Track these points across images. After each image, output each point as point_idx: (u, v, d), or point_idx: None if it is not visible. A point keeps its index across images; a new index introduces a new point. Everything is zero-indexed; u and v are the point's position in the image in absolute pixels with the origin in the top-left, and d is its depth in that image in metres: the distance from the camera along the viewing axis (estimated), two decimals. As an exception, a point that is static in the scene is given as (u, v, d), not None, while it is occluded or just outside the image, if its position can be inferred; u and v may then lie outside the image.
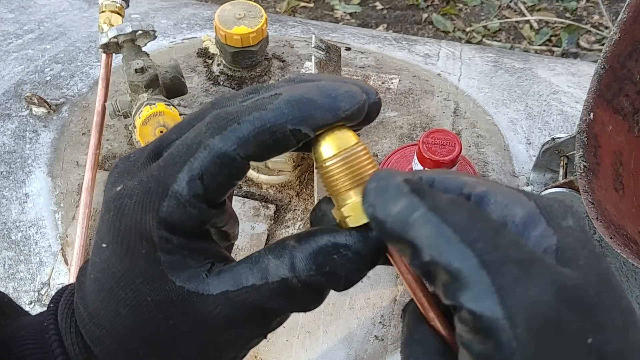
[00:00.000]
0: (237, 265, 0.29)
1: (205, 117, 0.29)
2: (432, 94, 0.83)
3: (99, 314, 0.29)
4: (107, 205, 0.29)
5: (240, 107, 0.28)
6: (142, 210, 0.27)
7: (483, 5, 1.81)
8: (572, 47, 1.63)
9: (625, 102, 0.45)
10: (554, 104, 0.81)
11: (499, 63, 0.91)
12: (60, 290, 0.33)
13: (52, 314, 0.32)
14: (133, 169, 0.30)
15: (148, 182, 0.28)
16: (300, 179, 0.73)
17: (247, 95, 0.30)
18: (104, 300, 0.29)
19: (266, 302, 0.29)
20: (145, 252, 0.28)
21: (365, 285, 0.63)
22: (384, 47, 0.93)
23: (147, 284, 0.28)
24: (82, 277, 0.31)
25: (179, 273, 0.28)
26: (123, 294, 0.28)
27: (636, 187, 0.45)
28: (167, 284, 0.28)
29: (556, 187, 0.62)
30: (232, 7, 0.77)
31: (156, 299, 0.28)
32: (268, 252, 0.29)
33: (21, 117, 0.80)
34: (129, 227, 0.28)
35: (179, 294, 0.28)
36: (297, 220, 0.69)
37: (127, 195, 0.28)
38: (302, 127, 0.27)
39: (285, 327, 0.60)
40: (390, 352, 0.59)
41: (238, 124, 0.27)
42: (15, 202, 0.71)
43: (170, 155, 0.28)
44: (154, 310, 0.28)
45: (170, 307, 0.28)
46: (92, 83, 0.85)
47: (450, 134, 0.59)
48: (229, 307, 0.28)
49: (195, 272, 0.28)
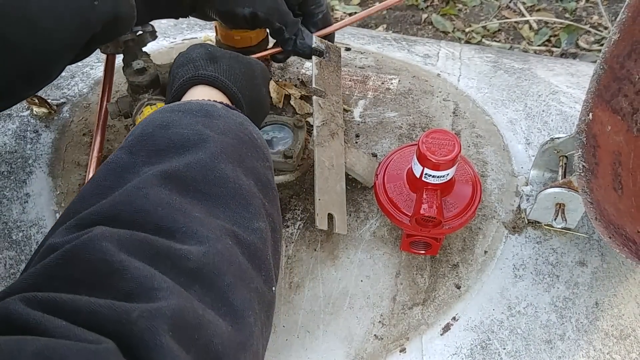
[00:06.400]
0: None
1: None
2: (431, 94, 0.83)
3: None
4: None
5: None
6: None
7: (482, 5, 1.81)
8: (571, 48, 1.63)
9: (624, 102, 0.45)
10: (553, 104, 0.81)
11: (498, 63, 0.91)
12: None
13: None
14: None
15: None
16: (300, 179, 0.73)
17: None
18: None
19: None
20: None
21: (365, 285, 0.63)
22: (384, 47, 0.94)
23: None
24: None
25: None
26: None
27: (635, 187, 0.46)
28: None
29: (555, 187, 0.62)
30: (232, 7, 0.77)
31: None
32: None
33: (22, 117, 0.80)
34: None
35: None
36: (297, 220, 0.69)
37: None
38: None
39: (285, 327, 0.61)
40: (390, 352, 0.59)
41: None
42: (16, 202, 0.71)
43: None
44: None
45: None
46: (93, 83, 0.85)
47: (449, 134, 0.59)
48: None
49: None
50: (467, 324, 0.61)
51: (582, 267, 0.64)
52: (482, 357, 0.59)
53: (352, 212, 0.69)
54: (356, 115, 0.80)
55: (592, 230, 0.67)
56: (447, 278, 0.64)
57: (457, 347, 0.59)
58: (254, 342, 0.37)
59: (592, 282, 0.63)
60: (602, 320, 0.61)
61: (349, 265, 0.65)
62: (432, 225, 0.60)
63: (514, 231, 0.67)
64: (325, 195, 0.63)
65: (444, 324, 0.61)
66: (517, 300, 0.62)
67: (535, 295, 0.62)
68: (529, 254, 0.66)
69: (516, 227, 0.68)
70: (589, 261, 0.65)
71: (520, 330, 0.60)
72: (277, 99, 0.79)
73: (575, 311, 0.61)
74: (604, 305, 0.62)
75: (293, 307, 0.62)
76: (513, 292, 0.63)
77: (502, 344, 0.59)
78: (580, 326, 0.60)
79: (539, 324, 0.61)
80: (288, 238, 0.67)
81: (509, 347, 0.59)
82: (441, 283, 0.64)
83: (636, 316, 0.61)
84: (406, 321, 0.61)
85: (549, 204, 0.64)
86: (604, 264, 0.65)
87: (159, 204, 0.37)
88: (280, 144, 0.72)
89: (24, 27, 0.46)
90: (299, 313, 0.62)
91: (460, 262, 0.65)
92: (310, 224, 0.68)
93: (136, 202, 0.37)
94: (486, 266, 0.65)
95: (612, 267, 0.64)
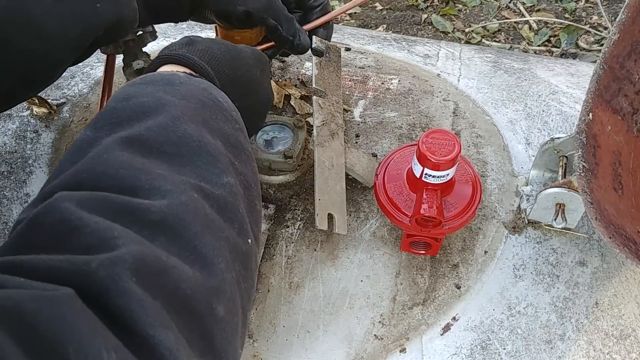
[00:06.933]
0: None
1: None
2: (431, 94, 0.83)
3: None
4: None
5: None
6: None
7: (482, 6, 1.81)
8: (571, 48, 1.63)
9: (624, 102, 0.45)
10: (553, 104, 0.81)
11: (498, 63, 0.91)
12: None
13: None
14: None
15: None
16: (300, 179, 0.73)
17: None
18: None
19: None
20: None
21: (365, 285, 0.63)
22: (384, 47, 0.94)
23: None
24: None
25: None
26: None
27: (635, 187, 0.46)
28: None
29: (555, 187, 0.62)
30: (232, 7, 0.77)
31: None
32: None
33: (22, 117, 0.80)
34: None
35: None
36: (297, 220, 0.69)
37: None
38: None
39: (285, 327, 0.61)
40: (390, 352, 0.59)
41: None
42: (16, 202, 0.71)
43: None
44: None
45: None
46: (93, 83, 0.85)
47: (449, 134, 0.59)
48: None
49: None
50: (467, 324, 0.61)
51: (582, 267, 0.64)
52: (482, 357, 0.59)
53: (352, 212, 0.69)
54: (356, 115, 0.80)
55: (592, 230, 0.67)
56: (447, 278, 0.64)
57: (457, 347, 0.59)
58: (227, 289, 0.36)
59: (592, 282, 0.63)
60: (602, 320, 0.61)
61: (349, 265, 0.65)
62: (432, 225, 0.60)
63: (514, 231, 0.67)
64: (325, 195, 0.63)
65: (444, 324, 0.61)
66: (517, 300, 0.62)
67: (535, 295, 0.62)
68: (529, 254, 0.66)
69: (516, 227, 0.68)
70: (589, 261, 0.65)
71: (520, 330, 0.60)
72: (277, 99, 0.79)
73: (575, 311, 0.61)
74: (604, 305, 0.62)
75: (293, 307, 0.62)
76: (513, 292, 0.63)
77: (502, 344, 0.59)
78: (580, 326, 0.60)
79: (539, 324, 0.61)
80: (288, 238, 0.67)
81: (509, 347, 0.59)
82: (441, 283, 0.64)
83: (636, 316, 0.61)
84: (406, 321, 0.61)
85: (549, 204, 0.64)
86: (604, 264, 0.65)
87: (120, 166, 0.37)
88: (280, 144, 0.72)
89: (27, 32, 0.46)
90: (299, 313, 0.62)
91: (460, 262, 0.65)
92: (310, 224, 0.68)
93: (96, 167, 0.37)
94: (486, 266, 0.65)
95: (612, 267, 0.64)
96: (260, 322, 0.61)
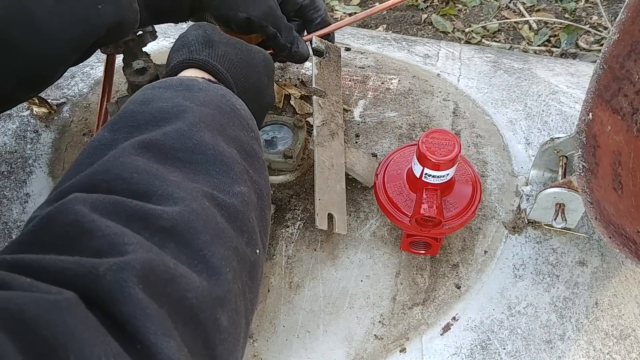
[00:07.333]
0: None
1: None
2: (431, 94, 0.83)
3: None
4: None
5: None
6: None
7: (482, 6, 1.81)
8: (571, 48, 1.63)
9: (624, 102, 0.45)
10: (553, 104, 0.81)
11: (498, 63, 0.91)
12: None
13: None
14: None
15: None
16: (300, 179, 0.73)
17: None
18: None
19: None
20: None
21: (365, 284, 0.63)
22: (384, 47, 0.94)
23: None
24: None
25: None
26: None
27: (635, 187, 0.46)
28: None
29: (555, 187, 0.62)
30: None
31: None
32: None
33: (22, 117, 0.80)
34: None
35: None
36: (297, 220, 0.69)
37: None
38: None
39: (285, 327, 0.61)
40: (390, 352, 0.59)
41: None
42: (16, 202, 0.71)
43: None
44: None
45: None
46: (93, 83, 0.85)
47: (449, 134, 0.59)
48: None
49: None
50: (467, 324, 0.61)
51: (582, 267, 0.64)
52: (482, 357, 0.59)
53: (352, 212, 0.69)
54: (356, 115, 0.80)
55: (592, 230, 0.67)
56: (447, 278, 0.64)
57: (457, 347, 0.59)
58: (232, 299, 0.36)
59: (592, 282, 0.63)
60: (602, 320, 0.61)
61: (349, 265, 0.65)
62: (432, 225, 0.60)
63: (514, 231, 0.67)
64: (325, 195, 0.63)
65: (444, 324, 0.61)
66: (517, 300, 0.62)
67: (535, 295, 0.62)
68: (529, 254, 0.66)
69: (516, 227, 0.68)
70: (589, 261, 0.65)
71: (520, 330, 0.60)
72: (277, 99, 0.79)
73: (575, 311, 0.61)
74: (604, 305, 0.62)
75: (293, 307, 0.62)
76: (513, 292, 0.63)
77: (502, 344, 0.59)
78: (580, 326, 0.60)
79: (539, 324, 0.61)
80: (288, 238, 0.67)
81: (509, 347, 0.59)
82: (441, 283, 0.64)
83: (636, 316, 0.61)
84: (406, 321, 0.61)
85: (549, 204, 0.64)
86: (604, 264, 0.65)
87: (135, 171, 0.37)
88: (280, 144, 0.72)
89: (29, 33, 0.46)
90: (299, 313, 0.62)
91: (460, 262, 0.65)
92: (310, 224, 0.68)
93: (112, 170, 0.37)
94: (486, 266, 0.65)
95: (612, 267, 0.64)
96: (260, 322, 0.61)
